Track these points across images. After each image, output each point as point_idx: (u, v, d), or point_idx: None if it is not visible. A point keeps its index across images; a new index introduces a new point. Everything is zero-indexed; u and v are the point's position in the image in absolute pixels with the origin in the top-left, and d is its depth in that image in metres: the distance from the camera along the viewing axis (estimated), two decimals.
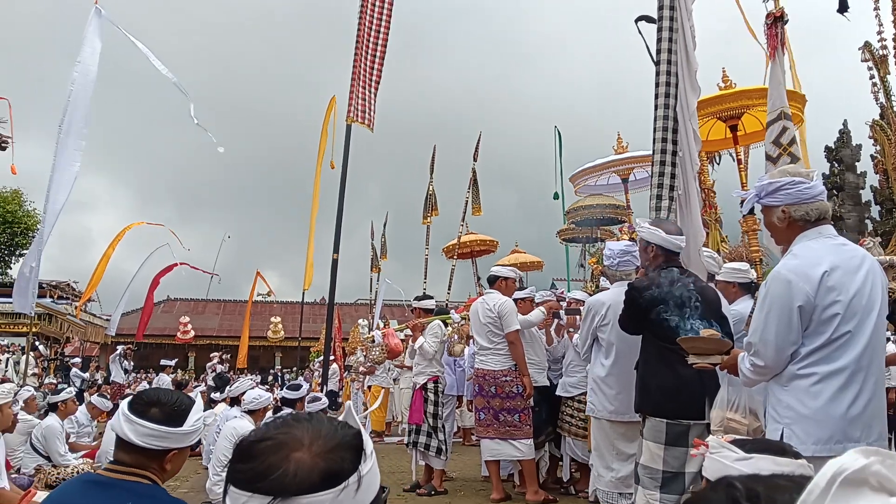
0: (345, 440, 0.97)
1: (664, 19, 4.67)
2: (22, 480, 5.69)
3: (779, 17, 6.18)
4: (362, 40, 10.13)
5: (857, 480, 0.57)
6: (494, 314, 6.05)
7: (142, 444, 1.92)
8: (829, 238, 2.69)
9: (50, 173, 8.95)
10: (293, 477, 0.90)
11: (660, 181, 4.59)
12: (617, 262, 4.98)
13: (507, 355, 6.00)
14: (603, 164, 14.06)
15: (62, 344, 25.11)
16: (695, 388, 3.51)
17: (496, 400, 5.95)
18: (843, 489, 0.57)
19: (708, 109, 9.04)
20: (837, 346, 2.53)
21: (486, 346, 6.12)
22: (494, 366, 6.02)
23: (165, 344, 30.88)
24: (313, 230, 12.80)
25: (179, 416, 2.00)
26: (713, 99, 9.02)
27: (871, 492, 0.57)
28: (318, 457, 0.93)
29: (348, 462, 0.94)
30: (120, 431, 1.93)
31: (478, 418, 6.21)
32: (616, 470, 4.63)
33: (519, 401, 5.91)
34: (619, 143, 14.18)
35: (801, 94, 9.08)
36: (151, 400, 2.01)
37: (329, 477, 0.91)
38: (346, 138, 10.62)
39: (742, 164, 9.54)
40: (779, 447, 1.57)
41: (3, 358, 14.27)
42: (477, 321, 6.23)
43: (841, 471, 0.57)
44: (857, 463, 0.58)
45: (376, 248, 22.29)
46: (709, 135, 10.07)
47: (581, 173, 14.48)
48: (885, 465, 0.58)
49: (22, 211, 20.65)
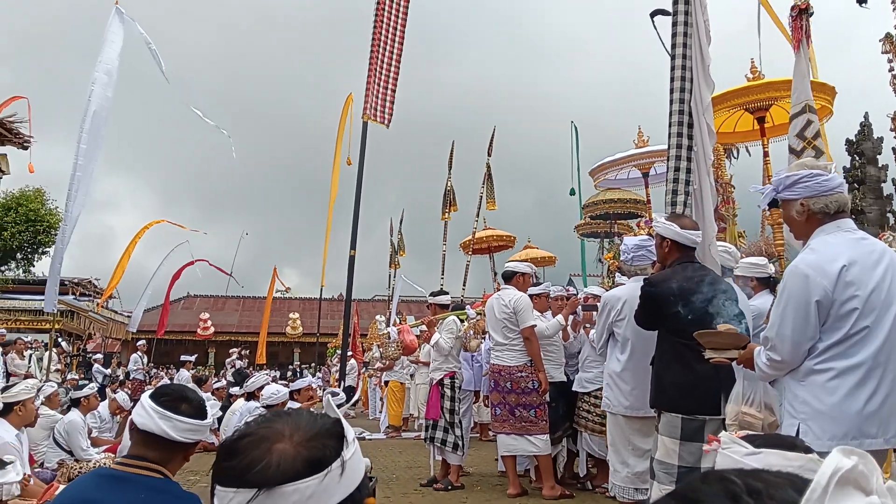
0: (325, 428, 0.99)
1: (679, 14, 4.64)
2: (45, 475, 5.78)
3: (804, 10, 6.13)
4: (378, 39, 10.16)
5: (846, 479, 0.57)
6: (510, 310, 6.04)
7: (180, 439, 1.99)
8: (848, 232, 2.66)
9: (71, 172, 9.08)
10: (276, 468, 0.91)
11: (675, 176, 4.57)
12: (631, 257, 4.96)
13: (522, 351, 6.00)
14: (623, 158, 13.94)
15: (84, 340, 25.40)
16: (710, 384, 3.49)
17: (511, 395, 5.95)
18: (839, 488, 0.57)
19: (735, 101, 8.88)
20: (855, 342, 2.51)
21: (501, 342, 6.12)
22: (510, 361, 6.03)
23: (186, 340, 31.16)
24: (330, 228, 12.88)
25: (203, 410, 2.11)
26: (740, 90, 8.87)
27: (854, 490, 0.57)
28: (300, 446, 0.94)
29: (330, 449, 0.96)
30: (156, 429, 1.96)
31: (494, 414, 6.22)
32: (631, 465, 4.62)
33: (534, 396, 5.91)
34: (639, 136, 14.05)
35: (831, 86, 8.90)
36: (178, 395, 2.07)
37: (312, 464, 0.93)
38: (363, 136, 10.68)
39: (768, 156, 9.43)
40: (789, 443, 1.56)
41: (27, 354, 14.47)
42: (493, 317, 6.23)
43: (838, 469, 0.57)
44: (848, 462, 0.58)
45: (394, 245, 22.36)
46: (736, 126, 9.92)
47: (601, 167, 14.37)
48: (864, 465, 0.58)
49: (44, 209, 20.89)
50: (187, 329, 31.20)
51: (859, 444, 2.42)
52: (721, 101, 8.75)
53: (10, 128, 8.20)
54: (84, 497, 1.83)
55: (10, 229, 19.63)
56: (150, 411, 1.99)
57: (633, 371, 4.61)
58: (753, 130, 9.65)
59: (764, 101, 8.87)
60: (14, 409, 4.57)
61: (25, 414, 4.71)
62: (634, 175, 14.68)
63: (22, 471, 2.80)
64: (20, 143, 8.53)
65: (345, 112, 13.54)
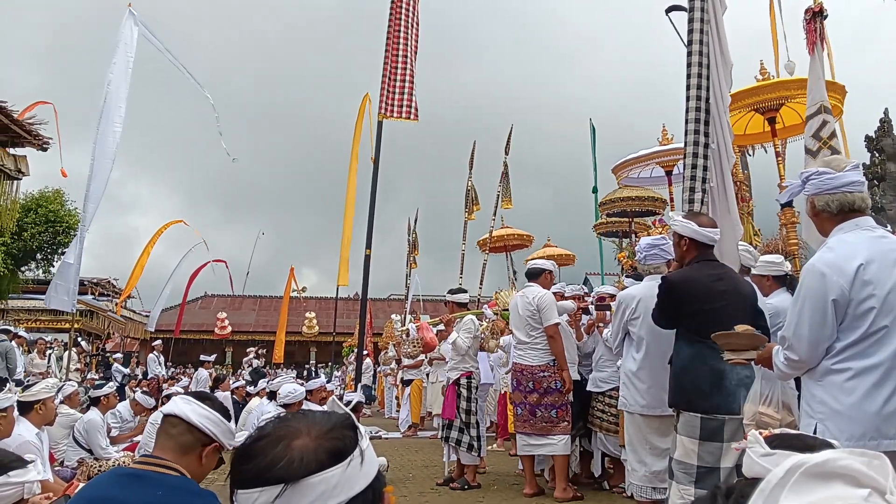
0: (339, 421, 1.01)
1: (695, 10, 4.61)
2: (65, 473, 5.84)
3: (818, 12, 6.11)
4: (393, 38, 10.18)
5: (823, 473, 0.58)
6: (534, 307, 5.97)
7: (197, 423, 2.05)
8: (867, 230, 2.64)
9: (88, 173, 9.19)
10: (300, 461, 0.93)
11: (692, 173, 4.54)
12: (644, 256, 4.93)
13: (545, 350, 5.94)
14: (647, 155, 13.79)
15: (103, 340, 25.66)
16: (729, 383, 3.48)
17: (533, 395, 5.91)
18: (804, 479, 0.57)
19: (745, 101, 8.80)
20: (873, 342, 2.48)
21: (524, 341, 6.06)
22: (532, 361, 5.96)
23: (203, 339, 31.34)
24: (349, 226, 12.91)
25: (226, 411, 2.19)
26: (750, 91, 8.80)
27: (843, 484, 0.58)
28: (320, 439, 0.96)
29: (349, 439, 0.98)
30: (177, 410, 2.07)
31: (515, 413, 6.16)
32: (649, 464, 4.59)
33: (556, 396, 5.85)
34: (664, 134, 13.92)
35: (841, 84, 8.87)
36: (204, 395, 2.20)
37: (334, 454, 0.95)
38: (378, 135, 10.71)
39: (780, 156, 9.35)
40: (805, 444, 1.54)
41: (48, 353, 14.65)
42: (516, 315, 6.17)
43: (801, 463, 0.58)
44: (819, 457, 0.59)
45: (411, 244, 22.41)
46: (746, 128, 9.85)
47: (625, 164, 14.23)
48: (869, 465, 0.59)
49: (64, 210, 21.10)
50: (205, 328, 31.39)
51: (877, 444, 2.40)
52: (731, 102, 8.71)
53: (30, 130, 8.28)
54: (102, 495, 1.86)
55: (30, 230, 19.83)
56: (176, 399, 2.13)
57: (648, 370, 4.59)
58: (764, 132, 9.54)
59: (774, 101, 8.78)
60: (35, 407, 4.62)
61: (46, 413, 4.76)
62: (658, 174, 14.55)
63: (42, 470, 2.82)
64: (39, 144, 8.61)
65: (361, 111, 13.57)
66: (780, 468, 0.59)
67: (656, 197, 14.80)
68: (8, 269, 18.65)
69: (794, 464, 0.58)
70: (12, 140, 8.47)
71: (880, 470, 0.59)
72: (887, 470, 0.60)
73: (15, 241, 18.76)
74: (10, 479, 2.36)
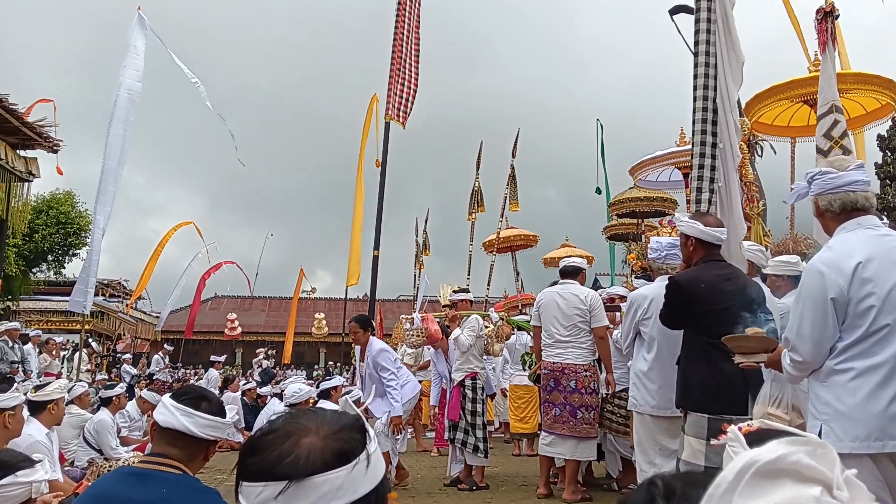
0: (349, 423, 1.01)
1: (702, 10, 4.58)
2: (75, 473, 5.87)
3: (829, 13, 6.08)
4: (400, 40, 10.22)
5: (773, 472, 0.56)
6: (586, 307, 5.84)
7: (201, 435, 2.05)
8: (870, 229, 2.63)
9: (99, 175, 9.25)
10: (306, 460, 0.93)
11: (700, 173, 4.52)
12: (664, 255, 4.87)
13: (588, 349, 5.83)
14: (664, 156, 13.67)
15: (114, 341, 25.79)
16: (737, 384, 3.46)
17: (575, 395, 5.74)
18: (755, 481, 0.56)
19: (797, 91, 8.26)
20: (876, 341, 2.46)
21: (563, 339, 5.87)
22: (576, 360, 5.81)
23: (214, 340, 31.47)
24: (359, 227, 12.91)
25: (223, 409, 2.18)
26: (803, 81, 8.15)
27: (793, 482, 0.56)
28: (328, 439, 0.96)
29: (357, 442, 0.98)
30: (179, 425, 2.03)
31: (553, 414, 5.86)
32: (658, 465, 4.57)
33: (595, 398, 5.80)
34: (681, 137, 13.79)
35: (888, 78, 8.00)
36: (198, 395, 2.15)
37: (341, 456, 0.95)
38: (385, 136, 10.72)
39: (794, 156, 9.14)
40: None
41: (62, 354, 14.74)
42: (557, 311, 5.94)
43: (752, 463, 0.57)
44: (770, 454, 0.57)
45: (419, 245, 22.42)
46: (791, 120, 9.20)
47: (641, 164, 14.06)
48: (814, 455, 0.58)
49: (75, 212, 21.24)
50: (215, 329, 31.52)
51: (882, 445, 2.38)
52: (776, 92, 8.29)
53: (40, 132, 8.34)
54: (108, 493, 1.89)
55: (41, 231, 19.98)
56: (173, 409, 2.05)
57: (659, 370, 4.57)
58: (809, 126, 8.95)
59: None
60: (48, 407, 4.63)
61: (57, 413, 4.78)
62: (676, 177, 14.40)
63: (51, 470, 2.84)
64: (49, 146, 8.68)
65: (369, 113, 13.57)
66: (729, 469, 0.57)
67: (666, 197, 14.69)
68: (20, 271, 18.79)
69: (745, 464, 0.56)
70: (23, 142, 8.54)
71: (825, 461, 0.58)
72: (833, 460, 0.59)
73: (26, 242, 18.90)
74: (17, 479, 2.38)
